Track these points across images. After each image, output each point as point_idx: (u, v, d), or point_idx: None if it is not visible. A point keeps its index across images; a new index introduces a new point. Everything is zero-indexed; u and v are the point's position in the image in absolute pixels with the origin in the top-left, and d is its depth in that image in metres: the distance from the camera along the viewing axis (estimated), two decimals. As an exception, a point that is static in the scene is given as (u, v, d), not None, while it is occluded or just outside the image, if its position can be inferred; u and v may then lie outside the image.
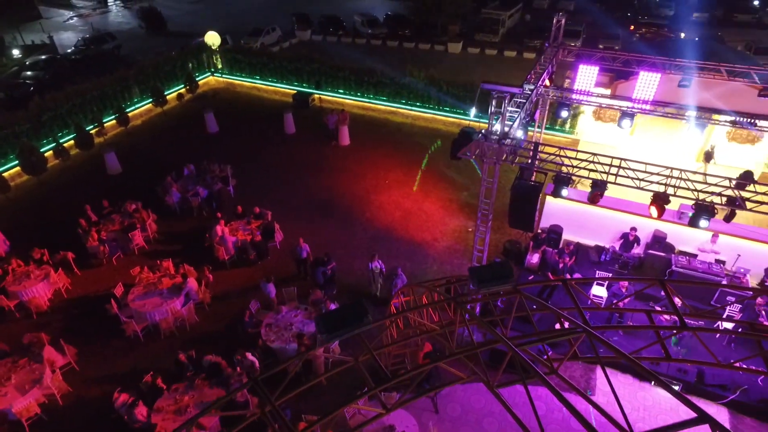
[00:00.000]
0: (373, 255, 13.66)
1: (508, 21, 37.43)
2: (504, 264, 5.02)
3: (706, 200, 7.84)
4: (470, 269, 4.98)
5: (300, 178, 19.37)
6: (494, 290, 4.97)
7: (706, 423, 3.52)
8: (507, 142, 9.12)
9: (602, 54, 13.84)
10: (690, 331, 5.37)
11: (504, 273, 4.85)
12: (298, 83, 26.78)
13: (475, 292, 5.03)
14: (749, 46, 31.42)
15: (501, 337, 4.25)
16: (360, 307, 4.74)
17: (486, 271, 4.86)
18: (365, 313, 4.70)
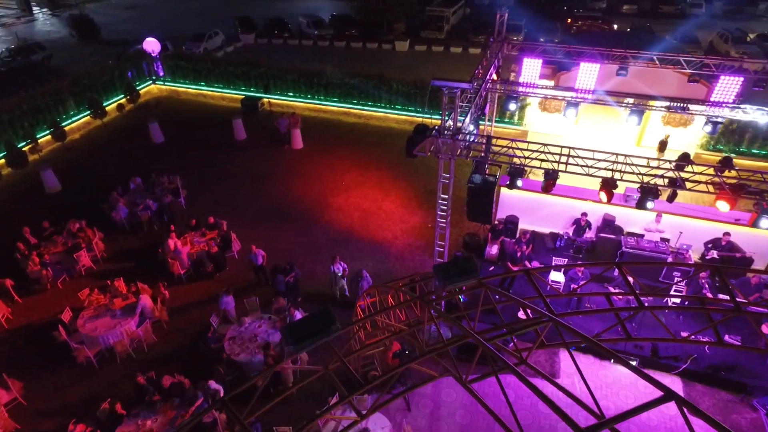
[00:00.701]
0: (334, 257, 13.53)
1: (452, 18, 38.05)
2: (467, 259, 5.06)
3: (650, 183, 8.24)
4: (435, 267, 4.98)
5: (254, 185, 18.92)
6: (460, 285, 4.99)
7: (672, 400, 3.67)
8: (461, 137, 9.24)
9: (544, 47, 14.28)
10: (647, 310, 5.59)
11: (468, 268, 4.88)
12: (245, 88, 26.14)
13: (440, 289, 5.04)
14: (675, 36, 33.33)
15: (471, 333, 4.27)
16: (327, 315, 4.64)
17: (450, 268, 4.88)
18: (332, 321, 4.61)
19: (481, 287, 5.03)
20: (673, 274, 12.75)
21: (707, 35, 34.74)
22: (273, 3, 48.29)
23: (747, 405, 10.79)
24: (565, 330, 4.71)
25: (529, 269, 6.07)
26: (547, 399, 3.92)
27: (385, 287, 8.11)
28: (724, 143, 19.68)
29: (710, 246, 12.91)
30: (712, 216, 12.90)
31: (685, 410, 3.81)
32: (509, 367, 4.19)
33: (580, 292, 9.23)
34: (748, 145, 19.39)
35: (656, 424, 10.45)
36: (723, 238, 12.66)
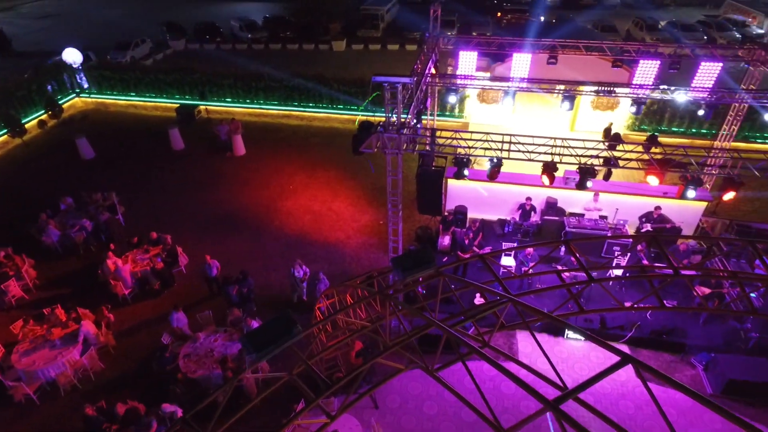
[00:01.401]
0: (294, 261, 13.31)
1: (387, 15, 38.32)
2: (424, 250, 5.11)
3: (587, 164, 8.67)
4: (392, 259, 4.99)
5: (198, 195, 18.23)
6: (418, 276, 5.03)
7: (629, 363, 3.85)
8: (405, 132, 9.32)
9: (478, 40, 14.68)
10: (597, 283, 5.86)
11: (425, 258, 4.93)
12: (179, 96, 25.12)
13: (400, 282, 5.06)
14: (596, 25, 35.28)
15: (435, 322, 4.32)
16: (287, 319, 4.53)
17: (408, 260, 4.90)
18: (293, 324, 4.51)
19: (438, 276, 5.09)
20: (613, 249, 13.48)
21: (624, 23, 36.99)
22: (201, 7, 46.69)
23: (686, 363, 11.62)
24: (524, 309, 4.85)
25: (483, 255, 6.22)
26: (515, 377, 4.03)
27: (343, 286, 8.05)
28: (647, 123, 21.04)
29: (644, 219, 13.77)
30: (643, 191, 13.77)
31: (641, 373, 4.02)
32: (475, 350, 4.27)
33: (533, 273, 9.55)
34: (668, 124, 20.84)
35: (609, 391, 11.03)
36: (654, 212, 13.55)
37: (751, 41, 32.12)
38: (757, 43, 13.00)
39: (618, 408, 10.67)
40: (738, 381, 10.43)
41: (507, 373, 4.11)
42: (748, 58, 13.35)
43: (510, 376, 4.06)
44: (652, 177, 8.79)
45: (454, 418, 10.50)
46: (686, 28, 34.09)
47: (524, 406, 10.63)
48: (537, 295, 12.85)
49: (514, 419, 10.35)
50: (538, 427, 9.85)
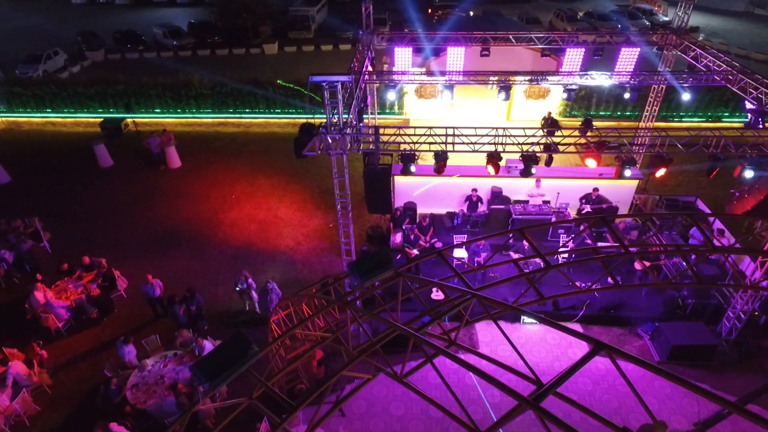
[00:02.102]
0: (238, 274, 12.78)
1: (317, 16, 37.85)
2: (381, 251, 4.94)
3: (529, 151, 8.87)
4: (349, 264, 4.79)
5: (132, 214, 17.12)
6: (377, 279, 4.86)
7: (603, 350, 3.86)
8: (348, 132, 9.13)
9: (412, 35, 14.72)
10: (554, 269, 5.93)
11: (383, 260, 4.76)
12: (103, 109, 23.52)
13: (359, 287, 4.86)
14: (521, 17, 36.63)
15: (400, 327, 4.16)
16: (241, 340, 4.21)
17: (365, 263, 4.71)
18: (248, 345, 4.20)
19: (398, 277, 4.94)
20: (558, 232, 13.97)
21: (546, 15, 38.66)
22: (117, 15, 44.15)
23: (634, 335, 12.22)
24: (488, 303, 4.80)
25: (440, 250, 6.14)
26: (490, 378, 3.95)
27: (298, 296, 7.74)
28: (577, 109, 22.05)
29: (584, 201, 14.37)
30: (581, 174, 14.35)
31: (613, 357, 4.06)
32: (442, 351, 4.16)
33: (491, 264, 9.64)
34: (596, 108, 21.94)
35: (565, 366, 11.37)
36: (593, 193, 14.16)
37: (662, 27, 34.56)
38: (668, 29, 13.88)
39: (577, 386, 11.02)
40: (681, 346, 11.07)
41: (480, 373, 4.03)
42: (661, 43, 14.23)
43: (484, 376, 3.98)
44: (590, 159, 9.13)
45: (422, 416, 10.45)
46: (602, 18, 36.14)
47: (489, 396, 10.75)
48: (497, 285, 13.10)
49: (480, 411, 10.49)
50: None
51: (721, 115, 21.80)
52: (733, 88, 11.11)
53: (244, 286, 12.61)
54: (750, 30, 36.96)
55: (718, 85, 11.83)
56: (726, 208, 11.15)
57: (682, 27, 13.65)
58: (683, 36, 13.52)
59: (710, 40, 33.60)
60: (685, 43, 13.29)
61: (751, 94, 10.68)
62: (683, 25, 13.64)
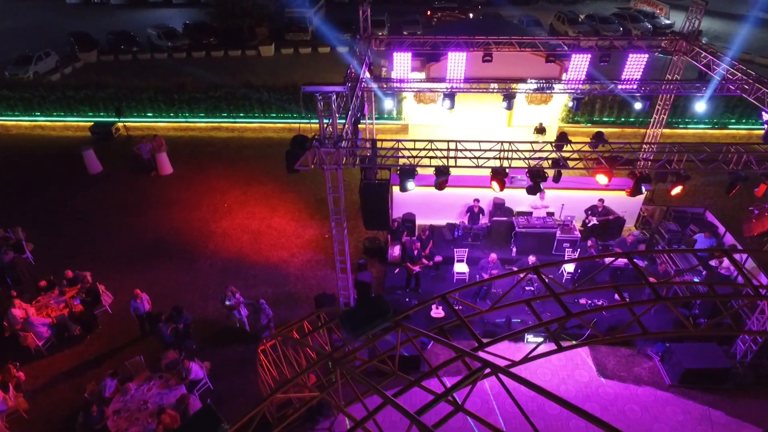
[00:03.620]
0: (225, 289, 12.18)
1: (315, 18, 37.25)
2: (377, 299, 4.34)
3: (537, 166, 8.30)
4: (340, 316, 4.20)
5: (121, 223, 16.50)
6: (373, 332, 4.25)
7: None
8: (344, 145, 8.55)
9: (411, 40, 14.15)
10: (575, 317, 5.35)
11: (379, 310, 4.16)
12: (93, 113, 22.88)
13: (351, 342, 4.27)
14: (521, 20, 36.09)
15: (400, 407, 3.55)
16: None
17: (359, 313, 4.12)
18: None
19: (396, 328, 4.33)
20: (563, 246, 13.41)
21: (547, 18, 38.15)
22: (112, 16, 43.52)
23: (644, 356, 11.65)
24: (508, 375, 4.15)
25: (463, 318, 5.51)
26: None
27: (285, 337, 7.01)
28: (580, 115, 21.49)
29: (589, 213, 13.81)
30: (587, 185, 13.78)
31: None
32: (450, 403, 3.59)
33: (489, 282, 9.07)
34: (600, 114, 21.39)
35: (574, 394, 10.82)
36: (598, 205, 13.60)
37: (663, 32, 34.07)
38: (679, 34, 13.34)
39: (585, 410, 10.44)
40: (693, 369, 10.51)
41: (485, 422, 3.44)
42: (671, 49, 13.69)
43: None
44: (601, 176, 8.57)
45: None
46: (603, 21, 35.65)
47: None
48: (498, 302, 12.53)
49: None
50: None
51: (727, 121, 21.28)
52: (750, 98, 10.57)
53: (231, 302, 12.01)
54: (754, 34, 36.51)
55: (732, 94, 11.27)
56: (744, 226, 10.60)
57: (693, 32, 13.10)
58: (693, 42, 12.97)
59: (713, 44, 33.13)
60: (696, 50, 12.74)
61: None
62: (694, 31, 13.09)
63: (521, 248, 13.56)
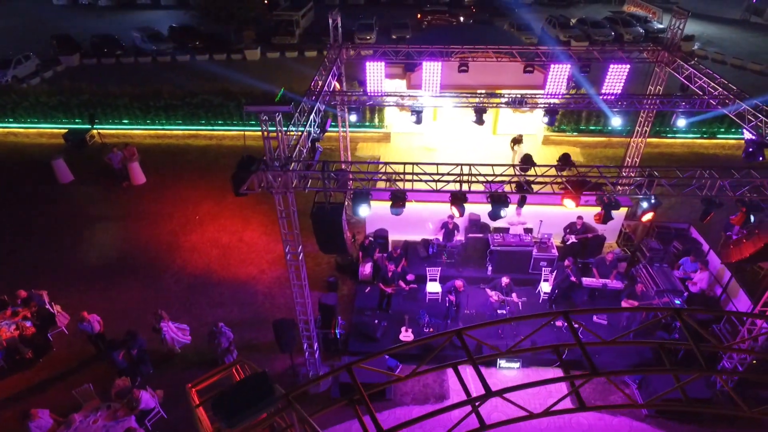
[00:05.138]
0: (156, 313, 11.63)
1: (303, 21, 36.72)
2: (260, 379, 3.75)
3: (498, 192, 7.77)
4: (213, 403, 3.64)
5: (85, 237, 15.92)
6: (256, 418, 3.67)
7: None
8: (295, 167, 8.01)
9: (384, 49, 13.61)
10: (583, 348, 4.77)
11: (262, 392, 3.59)
12: (68, 120, 22.29)
13: (230, 428, 3.67)
14: (512, 24, 35.61)
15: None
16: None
17: (237, 398, 3.54)
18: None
19: (289, 408, 3.70)
20: (540, 265, 12.88)
21: (538, 22, 37.63)
22: (101, 18, 42.91)
23: (621, 382, 11.12)
24: None
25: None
26: None
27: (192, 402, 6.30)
28: (566, 123, 20.98)
29: (568, 230, 13.29)
30: (564, 201, 13.25)
31: None
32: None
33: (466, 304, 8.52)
34: (586, 123, 20.88)
35: (545, 426, 10.30)
36: (577, 222, 13.08)
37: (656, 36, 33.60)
38: (661, 45, 12.85)
39: (556, 443, 9.94)
40: (672, 400, 9.96)
41: None
42: (652, 60, 13.18)
43: None
44: (568, 200, 8.05)
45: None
46: (595, 25, 35.18)
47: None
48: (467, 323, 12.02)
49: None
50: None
51: (717, 131, 20.79)
52: (731, 114, 10.06)
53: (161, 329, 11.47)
54: (746, 39, 36.11)
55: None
56: (721, 252, 10.09)
57: (675, 43, 12.59)
58: (675, 53, 12.46)
59: (705, 49, 32.69)
60: (677, 61, 12.23)
61: (750, 122, 9.63)
62: (676, 42, 12.58)
63: (497, 267, 13.04)
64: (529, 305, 12.42)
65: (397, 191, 7.87)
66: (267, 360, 11.78)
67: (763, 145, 9.16)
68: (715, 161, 19.47)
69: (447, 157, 19.55)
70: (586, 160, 19.99)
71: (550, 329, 11.94)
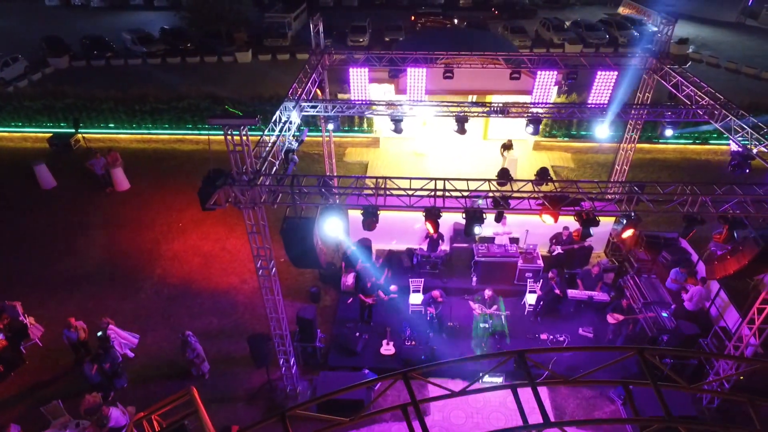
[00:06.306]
0: (102, 323, 11.37)
1: (295, 23, 36.43)
2: None
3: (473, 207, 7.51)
4: None
5: (65, 245, 15.60)
6: None
7: None
8: (265, 181, 7.74)
9: (368, 55, 13.34)
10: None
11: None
12: (53, 124, 21.98)
13: None
14: (506, 27, 35.35)
15: None
16: None
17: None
18: None
19: None
20: (525, 276, 12.63)
21: (532, 24, 37.42)
22: (93, 19, 42.58)
23: (605, 398, 10.87)
24: None
25: None
26: None
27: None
28: (557, 128, 20.74)
29: (554, 241, 13.03)
30: (551, 210, 13.00)
31: None
32: None
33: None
34: (577, 129, 20.65)
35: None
36: (563, 233, 12.83)
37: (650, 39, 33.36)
38: (649, 52, 12.61)
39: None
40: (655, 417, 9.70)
41: None
42: (640, 66, 12.93)
43: None
44: (547, 216, 7.79)
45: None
46: (590, 28, 34.98)
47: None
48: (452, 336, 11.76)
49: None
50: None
51: (709, 136, 20.57)
52: (717, 125, 9.81)
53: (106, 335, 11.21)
54: (741, 42, 35.92)
55: (700, 119, 10.51)
56: (706, 268, 9.85)
57: (663, 51, 12.34)
58: (663, 60, 12.22)
59: (700, 52, 32.50)
60: (665, 69, 11.98)
61: (736, 132, 9.38)
62: (664, 50, 12.33)
63: (482, 277, 12.78)
64: (514, 318, 12.18)
65: (369, 207, 7.60)
66: (244, 373, 11.51)
67: (748, 157, 8.92)
68: (706, 168, 19.25)
69: (436, 163, 19.32)
70: (576, 166, 19.77)
71: (534, 342, 11.70)
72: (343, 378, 10.49)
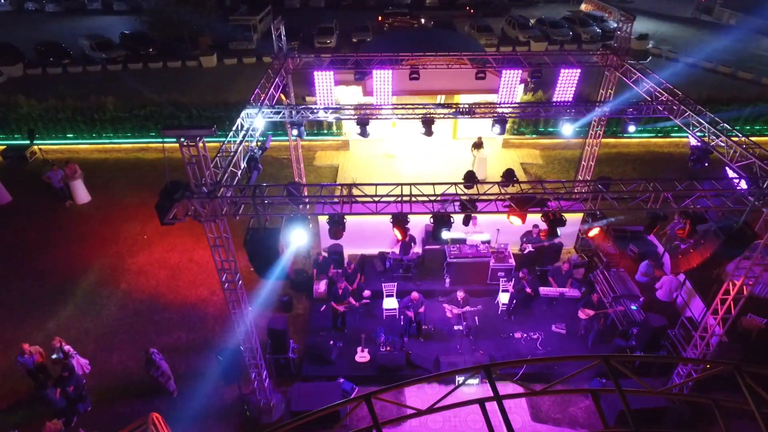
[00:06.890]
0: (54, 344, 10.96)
1: (261, 25, 35.86)
2: None
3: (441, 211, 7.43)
4: None
5: (20, 264, 14.87)
6: None
7: None
8: (226, 193, 7.48)
9: (332, 58, 13.15)
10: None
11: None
12: (6, 136, 21.01)
13: None
14: (472, 26, 35.65)
15: None
16: None
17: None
18: None
19: None
20: (498, 275, 12.66)
21: (498, 23, 37.82)
22: (48, 25, 41.05)
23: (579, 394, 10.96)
24: None
25: None
26: None
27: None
28: (525, 126, 20.95)
29: (525, 240, 13.10)
30: (521, 209, 13.07)
31: None
32: None
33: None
34: (545, 125, 20.90)
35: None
36: (533, 231, 12.91)
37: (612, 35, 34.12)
38: (610, 49, 12.81)
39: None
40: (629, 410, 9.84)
41: None
42: (602, 64, 13.13)
43: None
44: (515, 218, 7.78)
45: None
46: (554, 25, 35.53)
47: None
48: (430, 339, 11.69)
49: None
50: None
51: (670, 129, 21.12)
52: (677, 120, 10.00)
53: (60, 356, 10.78)
54: (697, 36, 37.10)
55: (661, 115, 10.70)
56: (671, 262, 10.04)
57: (623, 47, 12.55)
58: (623, 57, 12.42)
59: (659, 47, 33.40)
60: (625, 66, 12.18)
61: (695, 127, 9.58)
62: (624, 45, 12.54)
63: (455, 279, 12.75)
64: (487, 317, 12.18)
65: (335, 215, 7.43)
66: (216, 389, 11.17)
67: (707, 151, 9.12)
68: (670, 161, 19.77)
69: (407, 164, 19.25)
70: (545, 162, 20.01)
71: (508, 341, 11.73)
72: (318, 389, 10.27)
